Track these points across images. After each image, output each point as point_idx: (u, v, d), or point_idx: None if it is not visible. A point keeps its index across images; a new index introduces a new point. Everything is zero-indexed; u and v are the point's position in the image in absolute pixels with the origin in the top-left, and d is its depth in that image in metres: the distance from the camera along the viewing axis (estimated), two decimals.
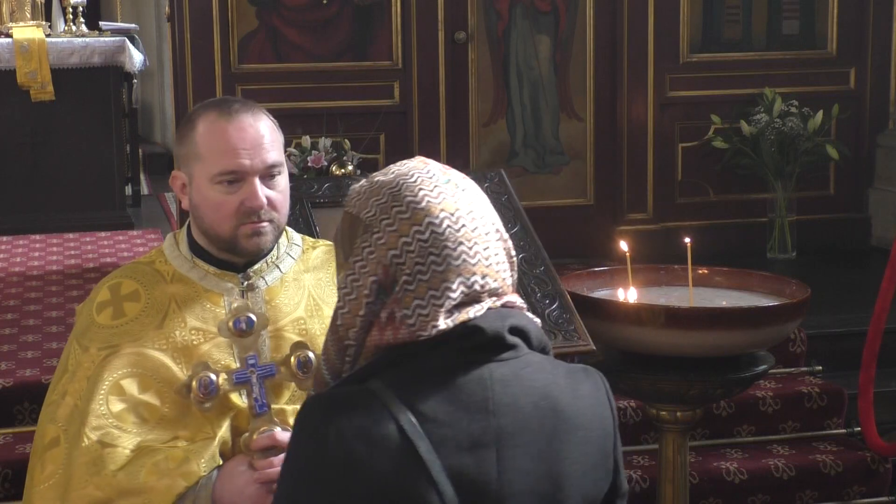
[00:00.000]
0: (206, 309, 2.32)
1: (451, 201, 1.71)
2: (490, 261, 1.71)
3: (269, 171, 2.29)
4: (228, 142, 2.26)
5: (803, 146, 6.18)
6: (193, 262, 2.37)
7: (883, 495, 4.54)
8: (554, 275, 3.40)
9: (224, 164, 2.26)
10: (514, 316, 1.72)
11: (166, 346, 2.29)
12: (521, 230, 3.51)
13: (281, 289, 2.38)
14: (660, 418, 3.50)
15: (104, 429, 2.23)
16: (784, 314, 3.34)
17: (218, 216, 2.29)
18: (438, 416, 1.63)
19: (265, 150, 2.28)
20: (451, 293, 1.67)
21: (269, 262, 2.38)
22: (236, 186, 2.27)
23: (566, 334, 3.22)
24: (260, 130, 2.29)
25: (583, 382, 1.77)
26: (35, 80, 7.26)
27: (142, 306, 2.32)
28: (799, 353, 4.97)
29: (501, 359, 1.69)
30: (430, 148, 6.03)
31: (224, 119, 2.28)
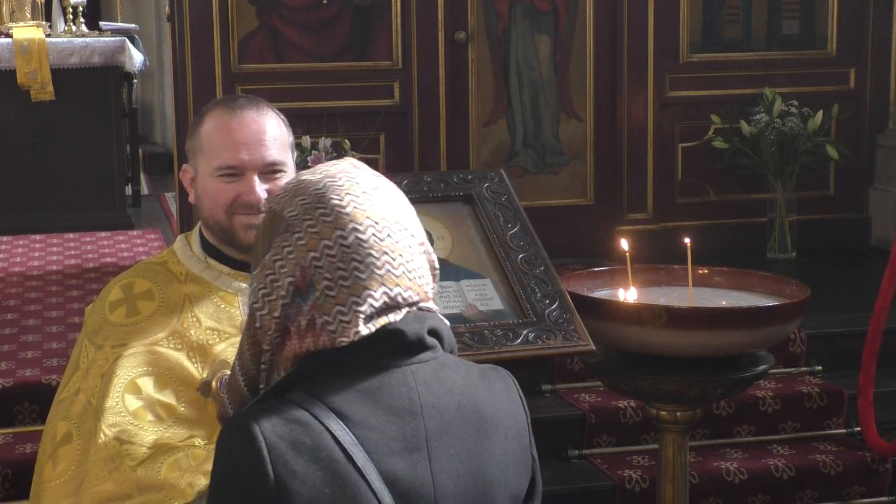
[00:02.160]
0: (220, 309, 2.34)
1: (378, 210, 1.68)
2: (414, 274, 1.69)
3: (269, 169, 2.32)
4: (229, 137, 2.30)
5: (803, 146, 6.18)
6: (207, 263, 2.38)
7: (883, 495, 4.54)
8: (554, 275, 3.40)
9: (224, 159, 2.30)
10: (430, 318, 1.71)
11: (182, 345, 2.29)
12: (521, 230, 3.51)
13: None
14: (660, 418, 3.50)
15: (121, 426, 2.22)
16: (784, 314, 3.34)
17: (214, 206, 2.32)
18: (369, 421, 1.60)
19: (265, 148, 2.31)
20: (373, 301, 1.65)
21: None
22: (234, 180, 2.30)
23: (566, 334, 3.22)
24: (262, 127, 2.32)
25: (495, 381, 1.77)
26: (35, 80, 7.26)
27: (156, 305, 2.33)
28: (799, 353, 4.97)
29: (421, 360, 1.67)
30: (430, 148, 6.04)
31: (228, 114, 2.32)
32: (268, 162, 2.31)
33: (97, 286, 5.79)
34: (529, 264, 3.42)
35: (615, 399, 4.55)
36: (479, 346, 3.15)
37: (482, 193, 3.60)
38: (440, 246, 3.45)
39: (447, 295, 3.32)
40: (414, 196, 3.55)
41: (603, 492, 4.32)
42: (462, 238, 3.49)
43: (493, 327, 3.21)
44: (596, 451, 4.53)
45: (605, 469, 4.40)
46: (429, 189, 3.59)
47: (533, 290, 3.34)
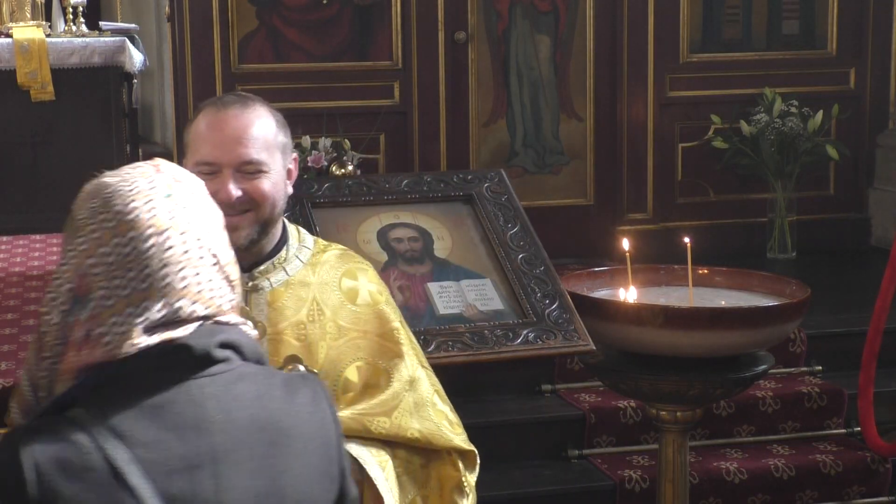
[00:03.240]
0: None
1: (165, 219, 1.60)
2: (201, 287, 1.61)
3: (246, 168, 2.28)
4: (207, 132, 2.28)
5: (803, 146, 6.17)
6: None
7: (883, 495, 4.54)
8: (554, 275, 3.40)
9: (201, 154, 2.28)
10: (224, 332, 1.63)
11: None
12: (521, 230, 3.51)
13: (286, 292, 2.36)
14: (660, 418, 3.50)
15: None
16: (784, 314, 3.34)
17: None
18: (148, 439, 1.54)
19: (244, 146, 2.27)
20: (151, 314, 1.57)
21: (276, 264, 2.37)
22: (212, 177, 2.25)
23: (566, 334, 3.22)
24: (244, 125, 2.28)
25: (300, 390, 1.69)
26: (35, 80, 7.26)
27: None
28: (799, 353, 4.97)
29: (211, 374, 1.60)
30: (430, 148, 6.03)
31: (213, 111, 2.31)
32: (244, 160, 2.27)
33: None
34: (529, 264, 3.42)
35: (615, 399, 4.55)
36: (479, 346, 3.15)
37: (482, 193, 3.61)
38: (440, 246, 3.45)
39: (447, 295, 3.32)
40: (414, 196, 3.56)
41: (603, 492, 4.32)
42: (462, 238, 3.49)
43: (493, 327, 3.22)
44: (596, 451, 4.53)
45: (605, 469, 4.40)
46: (429, 189, 3.59)
47: (533, 290, 3.34)
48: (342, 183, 3.60)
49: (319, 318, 2.36)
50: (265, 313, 2.33)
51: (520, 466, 4.45)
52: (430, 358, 3.10)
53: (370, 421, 2.30)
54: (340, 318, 2.37)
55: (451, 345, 3.13)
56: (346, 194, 3.53)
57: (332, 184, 3.58)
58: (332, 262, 2.43)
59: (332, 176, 5.52)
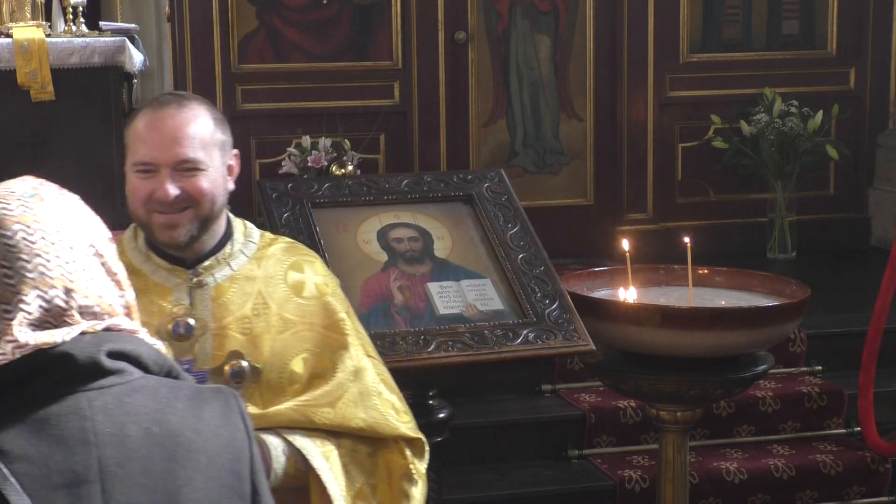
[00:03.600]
0: (153, 303, 2.34)
1: (31, 214, 1.60)
2: (75, 275, 1.57)
3: (183, 166, 2.29)
4: (144, 133, 2.30)
5: (803, 146, 6.17)
6: (148, 256, 2.39)
7: (883, 495, 4.54)
8: (554, 275, 3.40)
9: (139, 155, 2.30)
10: (115, 339, 1.57)
11: None
12: (521, 230, 3.51)
13: (230, 287, 2.38)
14: (660, 418, 3.50)
15: None
16: (784, 314, 3.34)
17: (133, 202, 2.32)
18: (29, 454, 1.47)
19: (179, 145, 2.29)
20: (25, 306, 1.52)
21: (221, 259, 2.39)
22: (149, 176, 2.29)
23: (566, 334, 3.22)
24: (180, 124, 2.30)
25: (208, 404, 1.62)
26: (35, 80, 7.26)
27: None
28: (799, 353, 4.97)
29: (101, 386, 1.53)
30: (430, 148, 6.03)
31: (150, 112, 2.33)
32: (180, 159, 2.29)
33: None
34: (529, 264, 3.42)
35: (615, 399, 4.55)
36: (479, 346, 3.15)
37: (482, 193, 3.60)
38: (440, 246, 3.45)
39: (447, 295, 3.32)
40: (414, 196, 3.56)
41: (603, 492, 4.32)
42: (462, 238, 3.49)
43: (493, 327, 3.21)
44: (596, 451, 4.53)
45: (605, 469, 4.40)
46: (429, 189, 3.59)
47: (533, 290, 3.34)
48: (342, 183, 3.60)
49: (265, 312, 2.37)
50: (210, 309, 2.35)
51: (520, 466, 4.45)
52: (429, 358, 3.11)
53: (314, 412, 2.31)
54: (286, 310, 2.38)
55: (451, 345, 3.13)
56: (346, 194, 3.53)
57: (332, 184, 3.57)
58: (278, 256, 2.44)
59: (332, 176, 5.53)
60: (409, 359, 3.09)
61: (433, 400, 3.34)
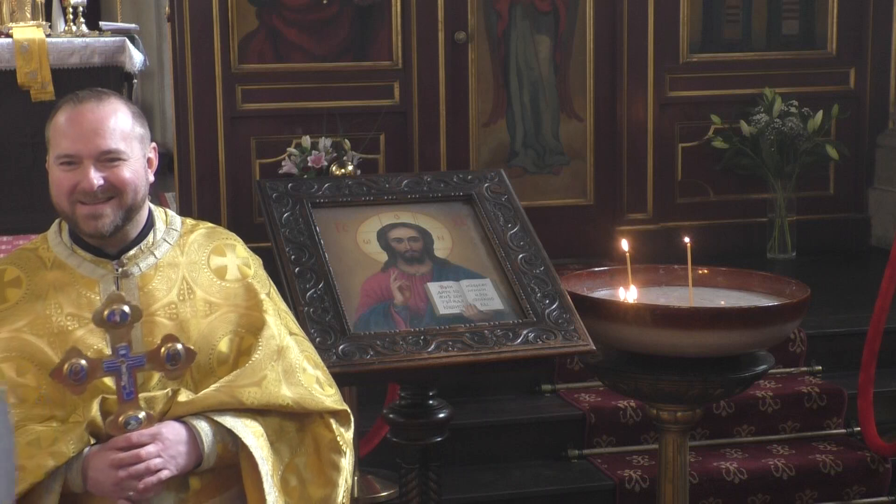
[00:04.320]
0: (81, 295, 2.40)
1: None
2: None
3: (106, 157, 2.37)
4: (66, 127, 2.38)
5: (803, 146, 6.18)
6: (73, 249, 2.45)
7: (883, 495, 4.54)
8: (554, 275, 3.40)
9: (62, 148, 2.38)
10: None
11: (42, 331, 2.37)
12: (521, 230, 3.51)
13: (155, 274, 2.44)
14: (660, 418, 3.50)
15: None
16: (784, 314, 3.34)
17: (57, 194, 2.39)
18: None
19: (101, 137, 2.37)
20: None
21: (144, 249, 2.46)
22: (73, 168, 2.37)
23: (566, 334, 3.22)
24: (100, 117, 2.39)
25: None
26: (35, 80, 7.26)
27: (22, 292, 2.41)
28: (799, 353, 4.97)
29: None
30: (430, 148, 6.03)
31: (70, 107, 2.41)
32: (102, 150, 2.37)
33: None
34: (529, 264, 3.42)
35: (615, 399, 4.55)
36: (479, 346, 3.15)
37: (482, 193, 3.60)
38: (440, 246, 3.45)
39: (447, 295, 3.32)
40: (414, 196, 3.56)
41: (603, 492, 4.32)
42: (462, 238, 3.49)
43: (493, 327, 3.21)
44: (596, 451, 4.53)
45: (605, 469, 4.40)
46: (429, 189, 3.59)
47: (533, 290, 3.34)
48: (342, 183, 3.60)
49: (190, 297, 2.44)
50: (136, 297, 2.41)
51: (520, 466, 4.45)
52: (429, 358, 3.11)
53: (241, 392, 2.38)
54: (210, 294, 2.46)
55: (451, 345, 3.13)
56: (346, 194, 3.53)
57: (332, 184, 3.57)
58: (200, 241, 2.52)
59: (332, 176, 5.52)
60: (409, 359, 3.09)
61: (433, 400, 3.34)
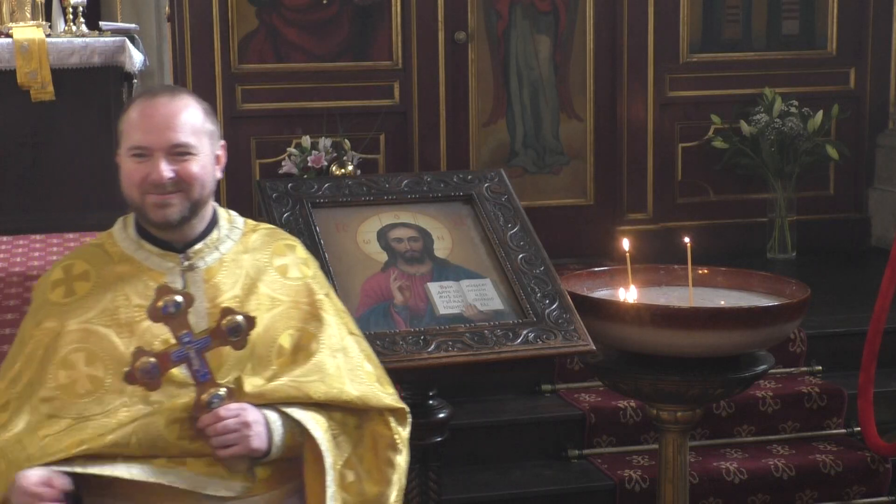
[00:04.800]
0: (148, 287, 2.46)
1: None
2: None
3: (176, 150, 2.45)
4: (139, 120, 2.46)
5: (803, 146, 6.18)
6: (139, 244, 2.52)
7: (883, 495, 4.54)
8: (554, 275, 3.40)
9: (134, 140, 2.45)
10: None
11: (111, 322, 2.44)
12: (521, 230, 3.51)
13: (220, 269, 2.52)
14: (660, 418, 3.50)
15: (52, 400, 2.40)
16: (784, 314, 3.34)
17: (128, 185, 2.47)
18: None
19: (172, 131, 2.44)
20: None
21: (209, 244, 2.54)
22: (144, 160, 2.45)
23: (566, 334, 3.22)
24: (173, 112, 2.46)
25: None
26: (35, 80, 7.26)
27: (91, 285, 2.49)
28: (799, 353, 4.97)
29: None
30: (430, 148, 6.03)
31: (144, 101, 2.49)
32: (173, 143, 2.44)
33: None
34: (529, 264, 3.42)
35: (615, 399, 4.55)
36: (479, 346, 3.15)
37: (482, 193, 3.61)
38: (440, 246, 3.45)
39: (447, 295, 3.32)
40: (414, 196, 3.56)
41: (603, 492, 4.32)
42: (462, 238, 3.49)
43: (493, 327, 3.21)
44: (596, 451, 4.53)
45: (605, 469, 4.40)
46: (429, 189, 3.59)
47: (533, 290, 3.34)
48: (342, 183, 3.60)
49: (254, 292, 2.51)
50: (202, 290, 2.48)
51: (520, 466, 4.45)
52: (429, 358, 3.11)
53: (308, 386, 2.44)
54: (273, 290, 2.53)
55: (451, 345, 3.14)
56: (346, 194, 3.53)
57: (332, 184, 3.58)
58: (262, 240, 2.60)
59: (332, 176, 5.52)
60: (409, 359, 3.09)
61: (433, 400, 3.34)
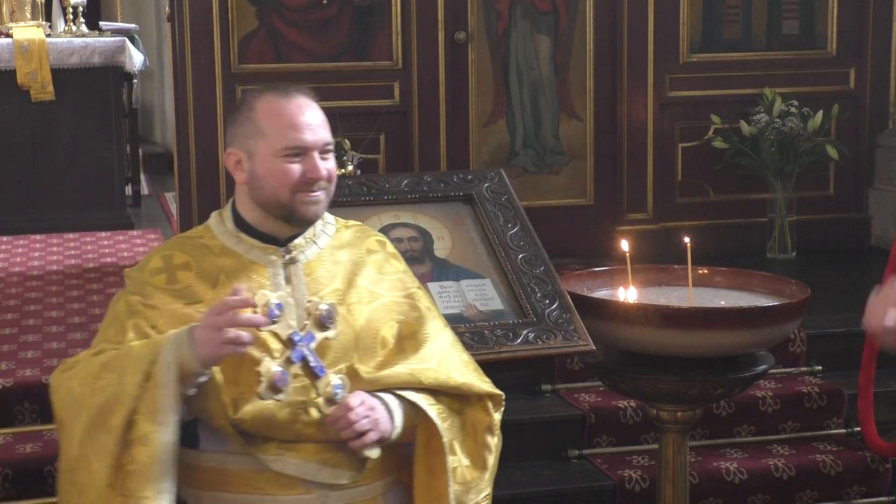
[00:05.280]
0: (251, 279, 2.51)
1: None
2: None
3: (326, 148, 2.56)
4: (291, 120, 2.53)
5: (803, 146, 6.17)
6: (239, 238, 2.57)
7: (883, 495, 4.54)
8: (554, 275, 3.40)
9: (290, 140, 2.51)
10: None
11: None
12: (521, 230, 3.51)
13: (319, 263, 2.59)
14: (660, 418, 3.50)
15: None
16: (784, 314, 3.34)
17: (280, 185, 2.50)
18: None
19: (324, 129, 2.57)
20: None
21: (308, 238, 2.59)
22: (299, 160, 2.51)
23: (566, 334, 3.22)
24: (315, 110, 2.59)
25: None
26: (35, 80, 7.26)
27: (194, 275, 2.53)
28: (799, 353, 4.97)
29: None
30: (430, 148, 6.03)
31: (284, 100, 2.56)
32: (327, 142, 2.55)
33: (97, 286, 5.79)
34: (529, 264, 3.42)
35: (615, 399, 4.55)
36: (480, 345, 3.15)
37: (482, 193, 3.61)
38: (440, 246, 3.45)
39: (447, 295, 3.32)
40: (414, 196, 3.56)
41: (603, 492, 4.32)
42: (462, 238, 3.49)
43: (493, 327, 3.21)
44: (596, 451, 4.53)
45: (605, 469, 4.40)
46: (429, 189, 3.59)
47: (533, 290, 3.34)
48: (342, 183, 3.60)
49: (353, 285, 2.59)
50: (304, 283, 2.54)
51: (520, 466, 4.45)
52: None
53: (420, 373, 2.53)
54: (371, 284, 2.62)
55: None
56: (346, 194, 3.53)
57: None
58: (354, 236, 2.68)
59: None
60: None
61: None
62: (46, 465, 3.91)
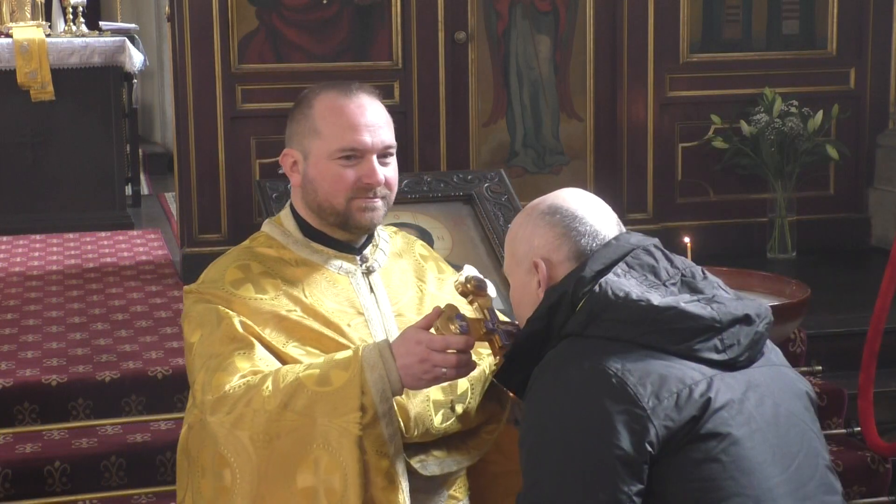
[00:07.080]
0: (339, 291, 2.37)
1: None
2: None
3: (386, 151, 2.36)
4: (349, 119, 2.33)
5: (803, 146, 6.18)
6: (312, 248, 2.41)
7: (883, 495, 4.54)
8: None
9: (346, 141, 2.33)
10: None
11: (318, 320, 2.33)
12: None
13: (391, 272, 2.47)
14: None
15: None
16: (784, 314, 3.34)
17: (334, 189, 2.34)
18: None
19: (383, 130, 2.35)
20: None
21: (375, 245, 2.47)
22: (354, 162, 2.33)
23: None
24: (378, 110, 2.36)
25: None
26: (35, 80, 7.26)
27: (280, 282, 2.36)
28: (799, 353, 4.97)
29: None
30: (430, 148, 6.03)
31: (344, 98, 2.36)
32: (387, 144, 2.35)
33: (97, 286, 5.79)
34: None
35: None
36: None
37: (482, 193, 3.61)
38: (440, 246, 3.46)
39: None
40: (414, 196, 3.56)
41: None
42: (462, 238, 3.50)
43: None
44: None
45: None
46: (429, 189, 3.59)
47: None
48: None
49: (425, 293, 2.49)
50: (385, 293, 2.43)
51: None
52: None
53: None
54: (436, 290, 2.51)
55: None
56: None
57: None
58: (404, 243, 2.57)
59: None
60: None
61: None
62: (46, 466, 3.92)
